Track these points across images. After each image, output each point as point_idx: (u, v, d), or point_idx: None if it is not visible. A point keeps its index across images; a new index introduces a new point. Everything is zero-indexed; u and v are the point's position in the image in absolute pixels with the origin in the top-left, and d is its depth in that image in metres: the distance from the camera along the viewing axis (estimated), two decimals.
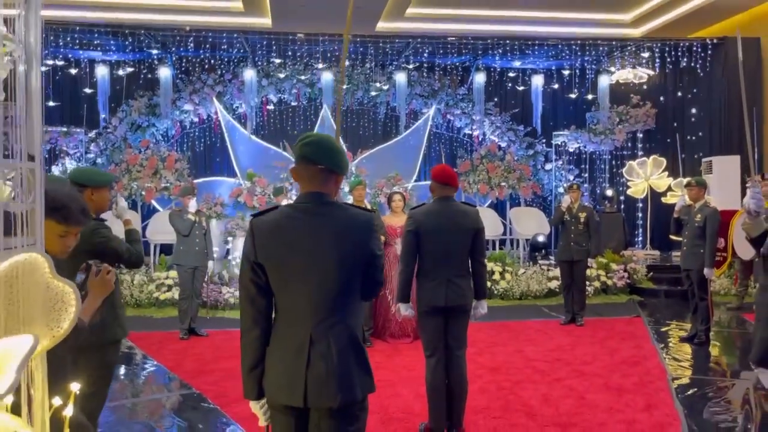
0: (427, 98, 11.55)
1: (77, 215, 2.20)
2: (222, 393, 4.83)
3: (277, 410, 2.08)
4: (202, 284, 7.18)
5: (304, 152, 2.14)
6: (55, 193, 2.11)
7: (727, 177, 9.90)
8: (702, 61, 11.21)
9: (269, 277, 2.07)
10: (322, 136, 2.25)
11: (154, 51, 10.75)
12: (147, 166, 10.08)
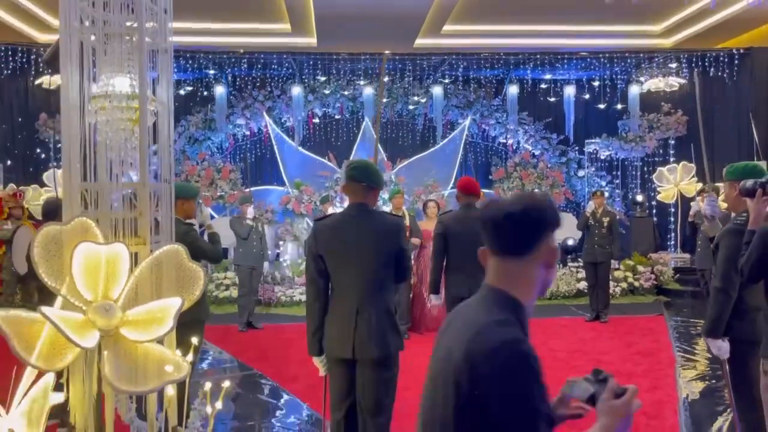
0: (463, 109, 12.18)
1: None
2: (280, 373, 5.61)
3: (333, 362, 2.84)
4: (259, 283, 8.01)
5: (351, 174, 2.94)
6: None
7: None
8: (730, 70, 11.55)
9: (327, 265, 2.84)
10: (363, 162, 3.04)
11: (211, 71, 11.71)
12: (204, 176, 11.03)
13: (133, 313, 2.12)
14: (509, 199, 1.48)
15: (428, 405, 1.44)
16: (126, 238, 2.34)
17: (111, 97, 2.33)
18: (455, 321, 1.46)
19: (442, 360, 1.41)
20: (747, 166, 3.22)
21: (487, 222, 1.45)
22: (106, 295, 2.12)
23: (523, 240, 1.43)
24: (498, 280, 1.45)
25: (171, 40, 2.47)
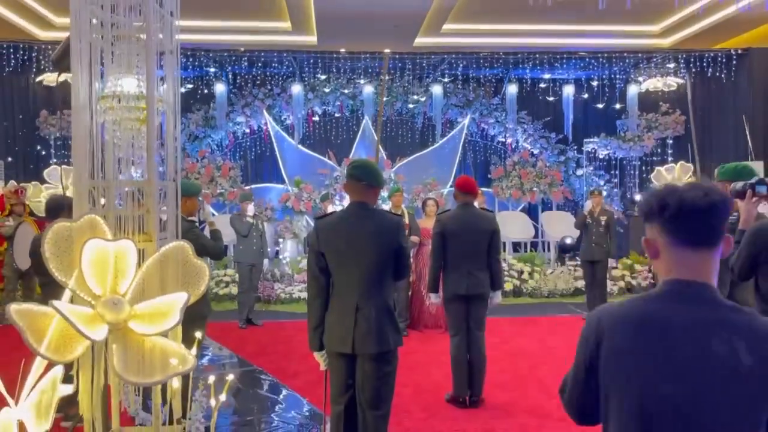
0: (462, 108, 12.24)
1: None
2: (279, 369, 5.68)
3: (333, 356, 2.91)
4: (258, 280, 8.08)
5: (352, 173, 3.01)
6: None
7: None
8: (727, 70, 11.61)
9: (328, 262, 2.90)
10: (364, 161, 3.11)
11: (212, 69, 11.76)
12: (204, 174, 11.09)
13: (141, 308, 2.19)
14: (700, 186, 1.40)
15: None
16: (133, 235, 2.41)
17: (119, 98, 2.39)
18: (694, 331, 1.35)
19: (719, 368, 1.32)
20: (737, 167, 3.28)
21: (715, 209, 1.38)
22: (114, 290, 2.19)
23: (722, 229, 1.41)
24: (703, 274, 1.41)
25: (177, 41, 2.52)
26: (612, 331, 1.42)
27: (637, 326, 1.38)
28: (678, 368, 1.33)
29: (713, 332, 1.33)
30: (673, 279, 1.41)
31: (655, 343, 1.35)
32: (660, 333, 1.36)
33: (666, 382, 1.33)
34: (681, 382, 1.32)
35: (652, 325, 1.37)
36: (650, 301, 1.41)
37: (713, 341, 1.33)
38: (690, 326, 1.35)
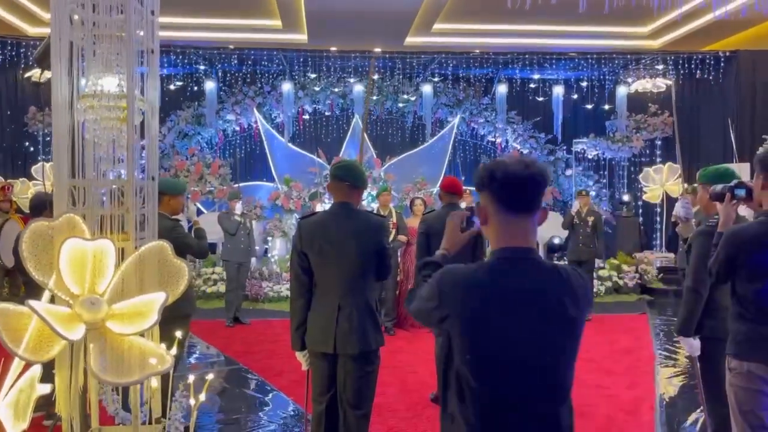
0: (452, 108, 12.27)
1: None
2: (265, 368, 5.68)
3: (315, 356, 2.92)
4: (246, 278, 8.07)
5: (336, 173, 3.03)
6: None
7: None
8: (715, 72, 11.70)
9: (311, 262, 2.91)
10: (349, 161, 3.13)
11: (201, 67, 11.72)
12: (193, 171, 11.06)
13: (119, 307, 2.19)
14: (522, 160, 1.65)
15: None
16: (112, 234, 2.41)
17: (99, 97, 2.39)
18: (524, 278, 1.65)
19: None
20: (718, 169, 3.32)
21: (534, 180, 1.62)
22: (92, 290, 2.18)
23: (540, 199, 1.69)
24: (524, 239, 1.67)
25: (158, 40, 2.52)
26: (461, 298, 1.64)
27: (493, 293, 1.62)
28: (520, 322, 1.60)
29: (548, 291, 1.62)
30: (503, 247, 1.67)
31: (497, 305, 1.61)
32: (501, 296, 1.62)
33: (512, 333, 1.61)
34: (525, 332, 1.60)
35: (510, 296, 1.62)
36: (489, 270, 1.65)
37: (548, 298, 1.62)
38: (533, 292, 1.62)
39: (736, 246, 2.58)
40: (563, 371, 1.66)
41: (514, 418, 1.62)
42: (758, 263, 2.55)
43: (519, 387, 1.62)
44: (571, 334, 1.65)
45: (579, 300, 1.64)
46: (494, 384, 1.62)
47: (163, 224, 3.67)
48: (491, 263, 1.66)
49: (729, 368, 2.66)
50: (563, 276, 1.64)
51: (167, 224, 3.85)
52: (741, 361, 2.61)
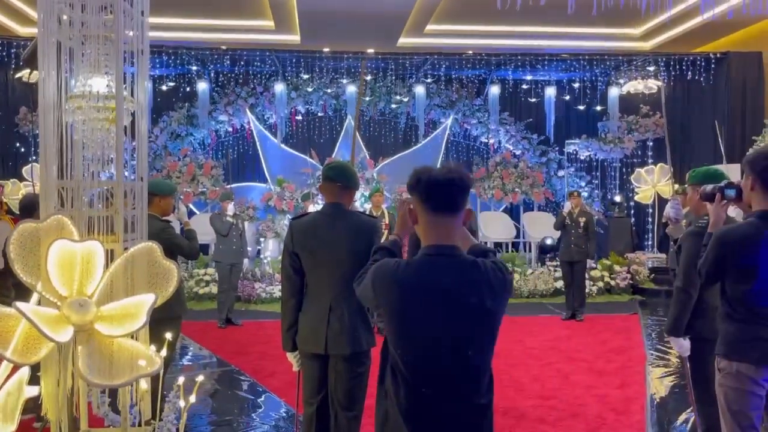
0: (445, 109, 12.28)
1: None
2: (258, 369, 5.66)
3: (306, 357, 2.92)
4: (238, 279, 8.05)
5: (327, 174, 3.03)
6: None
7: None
8: (706, 74, 11.76)
9: (302, 263, 2.90)
10: (340, 162, 3.14)
11: (194, 67, 11.68)
12: (186, 172, 11.02)
13: (108, 309, 2.18)
14: (446, 166, 1.89)
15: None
16: (101, 236, 2.39)
17: (88, 97, 2.38)
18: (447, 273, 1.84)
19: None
20: (708, 170, 3.34)
21: (454, 183, 1.83)
22: (81, 291, 2.17)
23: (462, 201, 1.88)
24: (448, 236, 1.87)
25: (148, 41, 2.51)
26: (387, 291, 1.86)
27: (412, 289, 1.82)
28: (440, 313, 1.79)
29: (467, 285, 1.81)
30: (429, 245, 1.86)
31: (419, 298, 1.82)
32: (427, 293, 1.81)
33: (432, 323, 1.80)
34: (444, 322, 1.80)
35: (430, 289, 1.81)
36: (414, 266, 1.85)
37: (467, 291, 1.80)
38: (452, 286, 1.80)
39: (725, 247, 2.60)
40: (480, 357, 1.84)
41: (435, 398, 1.82)
42: (747, 264, 2.56)
43: (439, 371, 1.82)
44: (486, 323, 1.85)
45: (495, 293, 1.82)
46: (417, 368, 1.82)
47: (154, 225, 3.68)
48: (417, 260, 1.86)
49: (718, 368, 2.68)
50: (481, 270, 1.82)
51: (157, 225, 3.84)
52: (730, 361, 2.62)
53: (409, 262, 1.86)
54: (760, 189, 2.57)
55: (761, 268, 2.54)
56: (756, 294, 2.56)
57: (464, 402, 1.84)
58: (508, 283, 1.86)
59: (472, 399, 1.84)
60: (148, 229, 3.53)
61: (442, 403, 1.82)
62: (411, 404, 1.82)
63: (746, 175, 2.63)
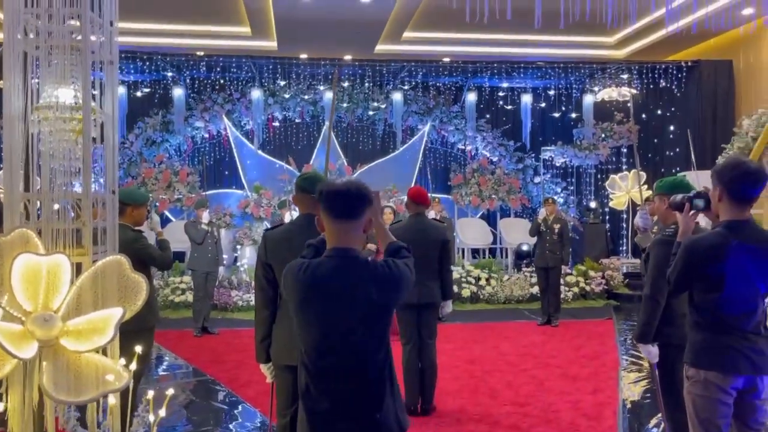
0: (423, 115, 12.33)
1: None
2: (233, 379, 5.62)
3: (280, 369, 2.91)
4: (214, 287, 7.98)
5: (301, 185, 3.06)
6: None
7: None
8: (678, 81, 11.98)
9: (275, 274, 2.88)
10: (314, 173, 3.13)
11: (169, 73, 11.59)
12: (161, 179, 10.92)
13: (74, 324, 2.15)
14: (347, 179, 2.20)
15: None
16: (68, 249, 2.36)
17: (54, 108, 2.35)
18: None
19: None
20: (675, 180, 3.41)
21: (351, 193, 2.08)
22: (46, 306, 2.14)
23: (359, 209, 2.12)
24: (348, 240, 2.11)
25: (117, 51, 2.49)
26: (291, 286, 2.12)
27: (309, 287, 2.07)
28: (335, 308, 2.05)
29: (356, 282, 2.04)
30: (330, 248, 2.12)
31: (316, 294, 2.06)
32: (331, 289, 2.05)
33: (328, 316, 2.06)
34: (338, 316, 2.04)
35: (326, 287, 2.06)
36: (323, 266, 2.09)
37: (356, 288, 2.04)
38: (344, 283, 2.05)
39: (693, 256, 2.63)
40: (373, 347, 2.08)
41: (334, 386, 2.06)
42: (715, 273, 2.60)
43: (336, 360, 2.06)
44: (377, 316, 2.08)
45: (385, 288, 2.06)
46: (317, 357, 2.08)
47: (126, 235, 3.65)
48: (318, 261, 2.12)
49: (687, 376, 2.72)
50: (371, 269, 2.07)
51: (130, 235, 3.79)
52: (698, 369, 2.66)
53: (311, 263, 2.10)
54: (728, 199, 2.61)
55: (728, 277, 2.58)
56: (723, 303, 2.60)
57: (357, 379, 2.07)
58: (395, 278, 2.08)
59: (366, 376, 2.08)
60: (120, 239, 3.51)
61: (339, 385, 2.07)
62: (311, 391, 2.08)
63: (714, 185, 2.67)
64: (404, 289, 2.13)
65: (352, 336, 2.05)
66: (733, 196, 2.62)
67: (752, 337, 2.59)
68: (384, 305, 2.09)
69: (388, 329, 2.14)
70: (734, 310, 2.60)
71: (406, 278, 2.11)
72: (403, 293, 2.14)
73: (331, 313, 2.05)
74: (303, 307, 2.09)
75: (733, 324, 2.60)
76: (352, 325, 2.05)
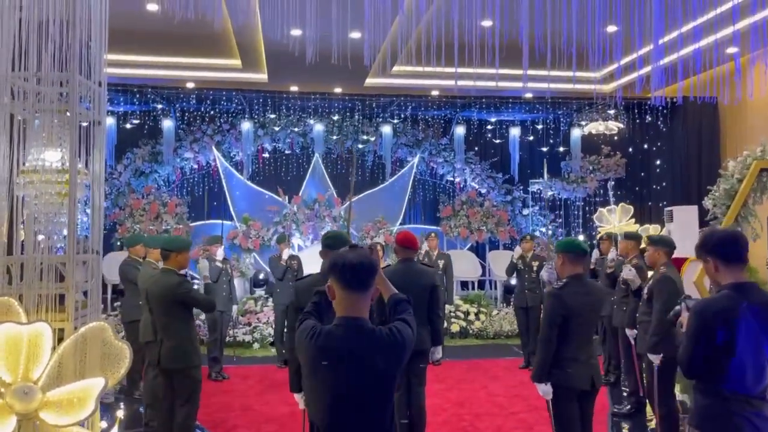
0: (412, 147, 12.40)
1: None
2: (216, 423, 5.51)
3: None
4: (227, 327, 7.77)
5: (327, 243, 3.58)
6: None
7: (687, 226, 10.69)
8: (663, 117, 12.15)
9: None
10: (337, 232, 3.76)
11: (159, 105, 11.59)
12: (149, 210, 10.85)
13: (54, 395, 2.10)
14: (359, 253, 2.29)
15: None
16: (49, 314, 2.32)
17: (40, 172, 2.33)
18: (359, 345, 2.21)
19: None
20: (572, 241, 3.90)
21: (363, 267, 2.23)
22: (26, 376, 2.10)
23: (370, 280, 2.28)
24: (358, 310, 2.24)
25: (105, 112, 2.48)
26: (303, 349, 2.24)
27: (320, 353, 2.18)
28: (342, 373, 2.16)
29: (363, 351, 2.16)
30: (340, 316, 2.23)
31: (326, 359, 2.17)
32: (338, 357, 2.16)
33: (336, 381, 2.17)
34: (345, 381, 2.16)
35: (336, 354, 2.17)
36: (332, 334, 2.19)
37: (363, 357, 2.15)
38: (351, 352, 2.16)
39: (705, 316, 2.59)
40: (379, 412, 2.21)
41: None
42: (726, 336, 2.54)
43: (342, 422, 2.17)
44: (380, 383, 2.20)
45: (389, 357, 2.19)
46: (324, 416, 2.19)
47: (171, 280, 4.04)
48: (328, 328, 2.21)
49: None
50: (378, 337, 2.18)
51: (174, 280, 4.07)
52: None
53: (323, 330, 2.21)
54: (723, 266, 2.65)
55: (739, 339, 2.54)
56: (732, 367, 2.56)
57: None
58: (399, 346, 2.20)
59: None
60: (165, 283, 3.96)
61: None
62: None
63: (703, 261, 2.71)
64: (407, 355, 2.26)
65: (358, 401, 2.17)
66: (728, 261, 2.66)
67: (757, 403, 2.58)
68: (388, 372, 2.20)
69: (393, 393, 2.26)
70: (742, 375, 2.57)
71: (408, 344, 2.24)
72: (406, 359, 2.26)
73: (339, 380, 2.16)
74: (313, 372, 2.21)
75: (739, 389, 2.57)
76: (359, 391, 2.17)
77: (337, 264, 2.22)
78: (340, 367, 2.15)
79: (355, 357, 2.15)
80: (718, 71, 11.58)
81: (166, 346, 4.10)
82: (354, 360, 2.15)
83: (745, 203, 6.49)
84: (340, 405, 2.16)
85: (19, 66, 2.31)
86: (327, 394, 2.18)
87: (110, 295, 9.84)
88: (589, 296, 3.69)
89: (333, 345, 2.17)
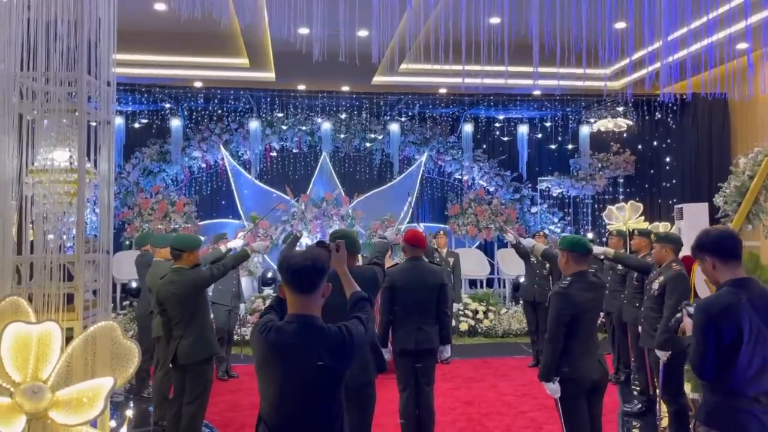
0: (420, 145, 12.37)
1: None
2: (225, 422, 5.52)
3: None
4: (236, 325, 7.76)
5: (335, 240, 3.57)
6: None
7: (696, 223, 10.61)
8: (673, 114, 12.06)
9: None
10: (344, 231, 3.90)
11: (167, 104, 11.62)
12: (158, 209, 10.89)
13: (63, 394, 2.10)
14: (309, 254, 2.35)
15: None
16: (59, 313, 2.32)
17: (49, 171, 2.33)
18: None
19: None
20: (574, 238, 3.82)
21: (304, 269, 2.28)
22: (35, 376, 2.10)
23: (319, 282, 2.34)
24: (309, 309, 2.32)
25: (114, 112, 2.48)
26: (254, 344, 2.35)
27: (270, 348, 2.27)
28: (290, 369, 2.23)
29: (310, 346, 2.23)
30: (291, 314, 2.31)
31: (274, 355, 2.25)
32: (286, 353, 2.24)
33: (284, 376, 2.25)
34: (292, 376, 2.23)
35: (284, 349, 2.24)
36: (282, 330, 2.27)
37: (309, 352, 2.22)
38: (299, 347, 2.24)
39: (711, 312, 2.59)
40: (324, 407, 2.27)
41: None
42: (732, 331, 2.54)
43: (290, 417, 2.24)
44: (327, 378, 2.26)
45: (336, 354, 2.25)
46: (273, 413, 2.26)
47: (187, 276, 4.09)
48: (278, 325, 2.29)
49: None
50: (326, 335, 2.26)
51: (189, 275, 4.10)
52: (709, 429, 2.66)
53: (274, 326, 2.28)
54: (721, 263, 2.66)
55: (746, 335, 2.53)
56: (740, 363, 2.55)
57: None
58: (347, 345, 2.27)
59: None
60: (184, 281, 4.01)
61: None
62: None
63: (700, 261, 2.72)
64: (355, 355, 2.32)
65: (304, 396, 2.24)
66: (725, 258, 2.68)
67: (764, 399, 2.57)
68: (334, 369, 2.26)
69: (340, 391, 2.33)
70: (749, 370, 2.56)
71: (357, 342, 2.31)
72: (353, 359, 2.32)
73: (286, 374, 2.24)
74: (263, 365, 2.30)
75: (746, 385, 2.57)
76: (304, 385, 2.24)
77: (281, 266, 2.30)
78: (287, 362, 2.22)
79: (302, 353, 2.21)
80: (728, 67, 11.49)
81: (184, 343, 4.07)
82: (301, 354, 2.21)
83: (757, 200, 6.41)
84: (286, 399, 2.23)
85: (28, 66, 2.31)
86: (275, 388, 2.25)
87: (119, 294, 9.89)
88: (593, 292, 3.74)
89: (282, 341, 2.23)
